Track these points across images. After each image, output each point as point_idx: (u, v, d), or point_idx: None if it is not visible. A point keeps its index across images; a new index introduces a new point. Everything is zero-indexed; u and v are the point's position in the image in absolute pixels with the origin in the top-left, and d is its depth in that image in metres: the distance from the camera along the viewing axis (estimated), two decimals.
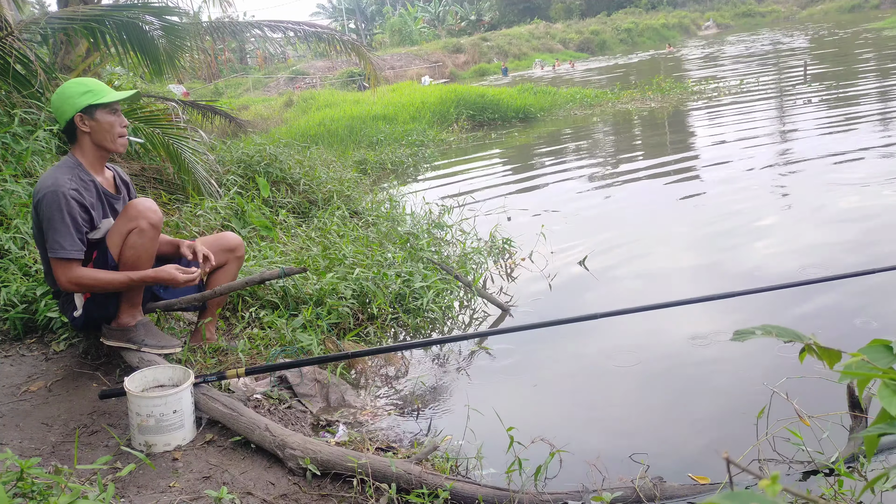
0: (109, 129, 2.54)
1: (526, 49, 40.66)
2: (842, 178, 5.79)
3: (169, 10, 5.54)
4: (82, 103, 2.48)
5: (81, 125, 2.51)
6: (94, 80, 2.58)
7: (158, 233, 2.55)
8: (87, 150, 2.56)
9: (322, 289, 3.51)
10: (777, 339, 0.96)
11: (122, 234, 2.49)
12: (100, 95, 2.50)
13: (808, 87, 12.25)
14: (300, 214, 5.55)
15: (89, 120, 2.51)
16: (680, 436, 2.49)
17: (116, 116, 2.56)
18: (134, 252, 2.48)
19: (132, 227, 2.48)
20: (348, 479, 2.09)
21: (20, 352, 2.94)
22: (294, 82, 32.50)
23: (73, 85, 2.53)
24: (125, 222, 2.50)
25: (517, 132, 11.96)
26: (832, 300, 3.47)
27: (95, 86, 2.53)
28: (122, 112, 2.62)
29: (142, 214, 2.48)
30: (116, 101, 2.53)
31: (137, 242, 2.48)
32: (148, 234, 2.49)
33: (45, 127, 4.36)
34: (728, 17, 54.56)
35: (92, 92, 2.50)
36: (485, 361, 3.29)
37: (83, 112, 2.49)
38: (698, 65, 23.00)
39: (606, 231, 5.24)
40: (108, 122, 2.53)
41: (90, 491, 1.75)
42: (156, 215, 2.51)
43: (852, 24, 32.93)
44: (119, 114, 2.58)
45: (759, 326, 1.00)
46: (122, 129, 2.59)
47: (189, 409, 2.30)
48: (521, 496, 1.99)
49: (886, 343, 0.92)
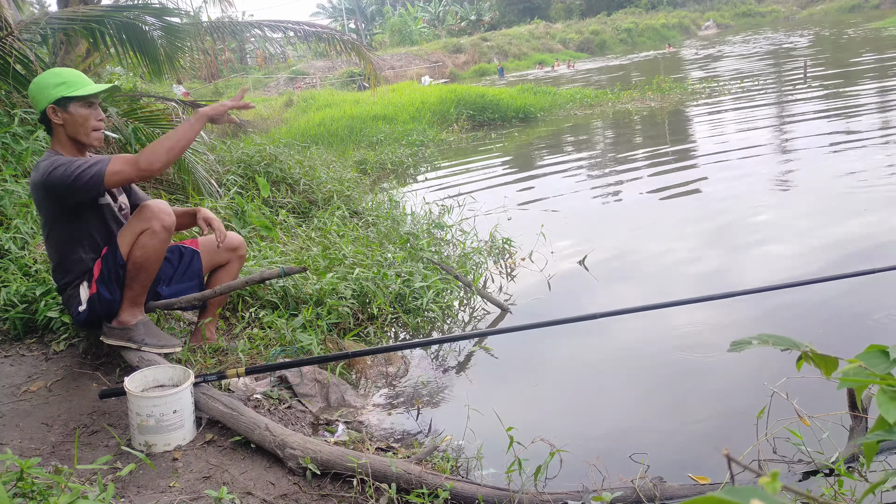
0: (83, 122, 2.48)
1: (526, 49, 40.66)
2: (842, 177, 5.78)
3: (169, 10, 5.54)
4: (55, 95, 2.42)
5: (54, 117, 2.46)
6: (71, 71, 2.50)
7: (170, 235, 2.57)
8: (63, 143, 2.52)
9: (322, 289, 3.51)
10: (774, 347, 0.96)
11: (134, 233, 2.51)
12: (73, 87, 2.44)
13: (808, 88, 12.25)
14: (300, 214, 5.55)
15: (62, 112, 2.46)
16: (680, 436, 2.49)
17: (92, 110, 2.51)
18: (143, 252, 2.50)
19: (145, 227, 2.50)
20: (348, 479, 2.09)
21: (20, 352, 2.94)
22: (294, 82, 32.50)
23: (49, 76, 2.46)
24: (138, 222, 2.51)
25: (517, 132, 11.96)
26: (832, 299, 3.47)
27: (71, 77, 2.46)
28: (99, 105, 2.56)
29: (156, 216, 2.50)
30: (92, 94, 2.47)
31: (149, 244, 2.50)
32: (160, 237, 2.51)
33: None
34: (728, 17, 54.57)
35: (66, 84, 2.44)
36: (485, 361, 3.29)
37: (55, 104, 2.44)
38: (698, 65, 23.00)
39: (606, 231, 5.24)
40: (82, 115, 2.48)
41: (90, 491, 1.75)
42: (170, 218, 2.53)
43: (853, 23, 32.94)
44: (95, 107, 2.52)
45: (755, 336, 1.00)
46: (98, 122, 2.53)
47: (189, 408, 2.30)
48: (521, 496, 1.99)
49: (883, 348, 0.92)
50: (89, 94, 2.47)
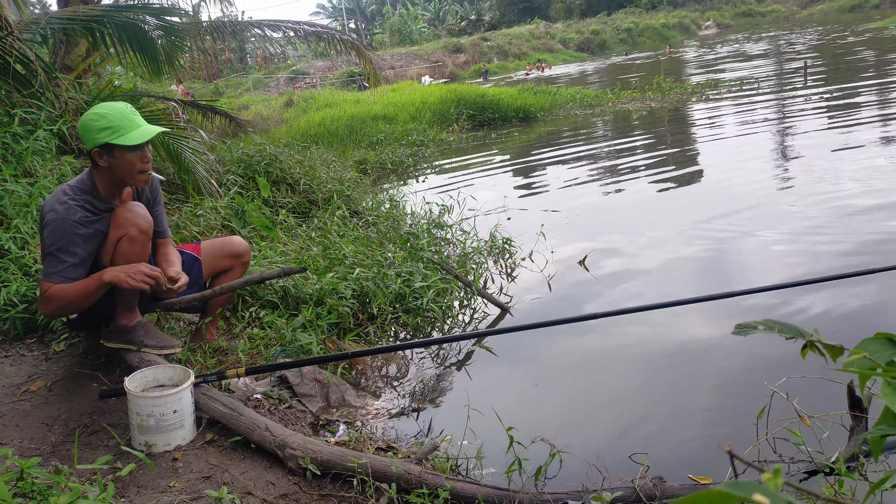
0: (129, 167, 2.40)
1: (526, 49, 40.67)
2: (843, 176, 5.78)
3: (168, 10, 5.55)
4: (100, 140, 2.34)
5: (100, 160, 2.38)
6: (118, 112, 2.36)
7: (149, 239, 2.51)
8: (105, 178, 2.45)
9: (322, 289, 3.51)
10: (779, 334, 0.96)
11: (111, 242, 2.44)
12: (119, 134, 2.34)
13: (808, 88, 12.24)
14: (300, 214, 5.55)
15: (108, 156, 2.37)
16: (680, 436, 2.49)
17: (139, 153, 2.39)
18: (125, 260, 2.43)
19: (121, 234, 2.42)
20: (348, 479, 2.09)
21: (20, 352, 2.94)
22: (294, 82, 32.52)
23: (94, 118, 2.35)
24: (114, 230, 2.43)
25: (517, 132, 11.95)
26: (835, 299, 3.47)
27: (117, 121, 2.34)
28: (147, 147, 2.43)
29: (130, 222, 2.42)
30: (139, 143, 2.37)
31: (128, 250, 2.43)
32: (138, 241, 2.45)
33: (45, 127, 4.35)
34: (728, 16, 54.63)
35: (112, 129, 2.33)
36: (485, 361, 3.29)
37: (101, 148, 2.36)
38: (698, 65, 23.00)
39: (607, 231, 5.24)
40: (128, 160, 2.38)
41: (90, 491, 1.75)
42: (145, 222, 2.46)
43: (853, 23, 32.93)
44: (143, 150, 2.41)
45: (761, 321, 1.00)
46: (145, 164, 2.42)
47: (189, 408, 2.30)
48: (521, 496, 1.99)
49: (890, 336, 0.90)
50: (135, 143, 2.36)
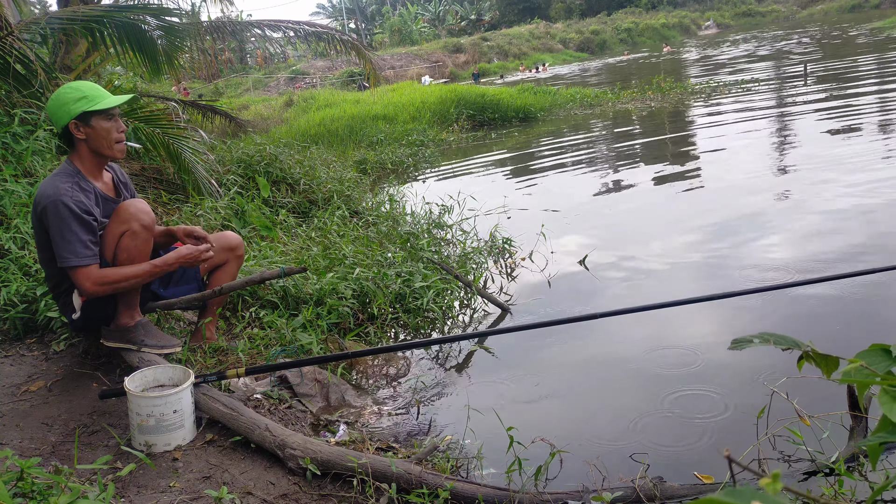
0: (106, 135, 2.46)
1: (526, 49, 40.69)
2: (843, 176, 5.78)
3: (168, 10, 5.56)
4: (76, 110, 2.40)
5: (77, 132, 2.44)
6: (90, 85, 2.48)
7: (151, 234, 2.52)
8: (84, 157, 2.50)
9: (322, 289, 3.51)
10: (775, 346, 0.96)
11: (114, 236, 2.45)
12: (94, 101, 2.42)
13: (808, 88, 12.24)
14: (300, 214, 5.56)
15: (84, 127, 2.44)
16: (680, 436, 2.49)
17: (113, 122, 2.48)
18: (128, 255, 2.45)
19: (124, 229, 2.44)
20: (348, 479, 2.09)
21: (20, 352, 2.94)
22: (294, 82, 32.53)
23: (68, 90, 2.44)
24: (117, 225, 2.45)
25: (517, 132, 11.96)
26: (836, 298, 3.47)
27: (91, 91, 2.44)
28: (119, 117, 2.54)
29: (133, 217, 2.44)
30: (113, 106, 2.45)
31: (131, 245, 2.44)
32: (141, 237, 2.46)
33: (45, 127, 4.36)
34: (728, 16, 54.66)
35: (87, 98, 2.42)
36: (485, 361, 3.29)
37: (78, 119, 2.42)
38: (698, 65, 22.99)
39: (607, 230, 5.24)
40: (105, 128, 2.46)
41: (90, 491, 1.75)
42: (148, 217, 2.47)
43: (853, 23, 32.92)
44: (116, 119, 2.50)
45: (756, 335, 1.00)
46: (120, 134, 2.51)
47: (189, 408, 2.30)
48: (521, 496, 1.99)
49: (885, 347, 0.91)
50: (110, 106, 2.44)
